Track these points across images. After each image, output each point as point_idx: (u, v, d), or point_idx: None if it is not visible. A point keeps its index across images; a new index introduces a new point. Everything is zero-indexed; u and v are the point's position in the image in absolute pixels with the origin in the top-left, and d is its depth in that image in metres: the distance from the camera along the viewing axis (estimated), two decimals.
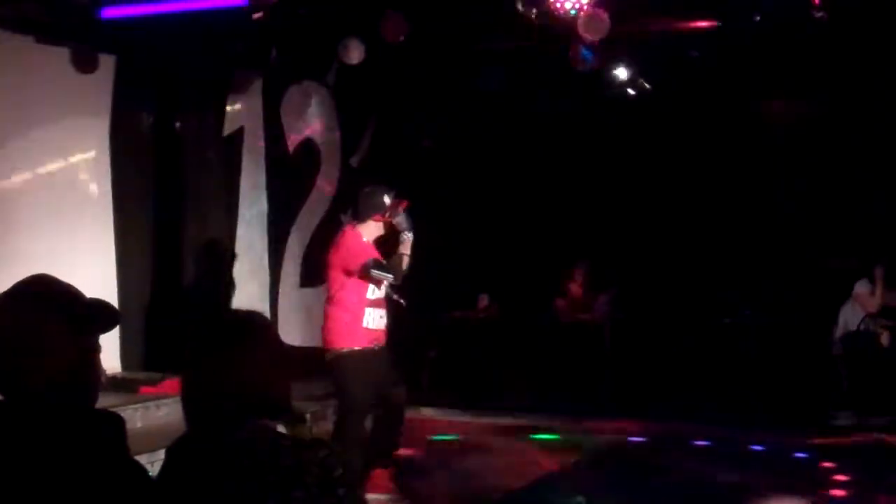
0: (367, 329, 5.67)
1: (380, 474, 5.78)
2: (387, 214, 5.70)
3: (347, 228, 5.83)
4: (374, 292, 5.70)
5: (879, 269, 8.81)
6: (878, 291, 8.80)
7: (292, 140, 9.35)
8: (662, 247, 10.44)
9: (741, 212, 10.39)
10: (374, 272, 5.60)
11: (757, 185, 10.44)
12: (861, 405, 8.48)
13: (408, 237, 5.74)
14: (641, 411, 8.72)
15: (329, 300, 5.75)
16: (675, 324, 10.05)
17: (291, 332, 8.61)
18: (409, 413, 9.08)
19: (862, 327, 8.80)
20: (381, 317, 5.76)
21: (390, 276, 5.66)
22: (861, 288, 8.90)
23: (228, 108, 8.58)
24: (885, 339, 8.72)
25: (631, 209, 10.59)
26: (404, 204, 5.74)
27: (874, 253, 9.10)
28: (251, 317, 2.22)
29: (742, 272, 10.15)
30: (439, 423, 8.69)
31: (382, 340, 5.78)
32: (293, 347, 7.50)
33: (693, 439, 7.82)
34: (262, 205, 8.96)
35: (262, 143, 8.97)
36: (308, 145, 9.57)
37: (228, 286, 8.47)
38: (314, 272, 9.56)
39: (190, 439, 2.10)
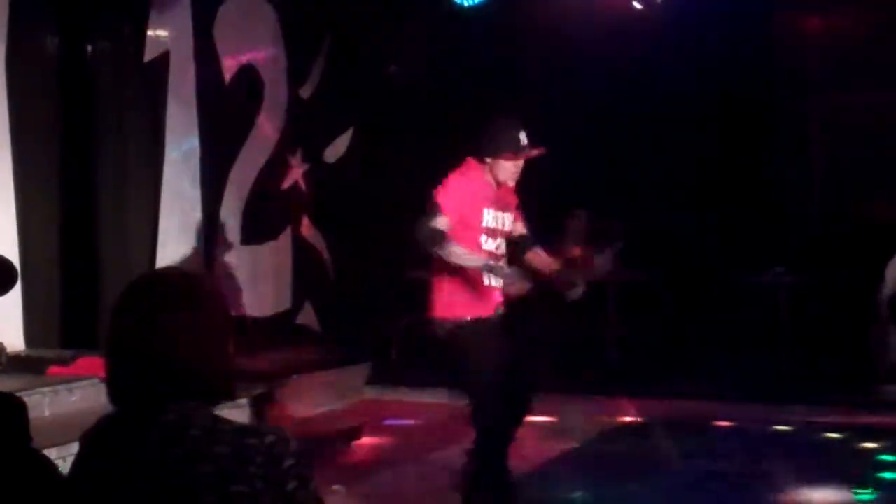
0: (489, 288, 5.56)
1: None
2: (521, 154, 5.56)
3: (470, 162, 5.63)
4: (489, 243, 5.56)
5: None
6: None
7: (228, 66, 9.28)
8: (674, 191, 10.46)
9: (769, 149, 10.41)
10: (429, 230, 5.35)
11: (790, 115, 10.45)
12: None
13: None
14: (651, 387, 8.80)
15: (436, 263, 5.55)
16: (691, 283, 10.10)
17: (232, 300, 8.61)
18: (375, 393, 9.25)
19: None
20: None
21: (501, 273, 5.48)
22: None
23: (150, 28, 8.49)
24: None
25: (637, 146, 10.56)
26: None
27: None
28: (191, 277, 2.22)
29: (771, 221, 10.20)
30: (409, 404, 8.77)
31: (501, 306, 5.67)
32: (233, 317, 7.50)
33: (709, 420, 7.94)
34: (194, 145, 8.90)
35: (191, 71, 8.89)
36: (248, 73, 9.50)
37: (154, 244, 8.44)
38: (259, 227, 9.56)
39: (110, 423, 2.10)
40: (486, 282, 5.54)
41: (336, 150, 10.46)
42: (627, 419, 8.19)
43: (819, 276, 9.56)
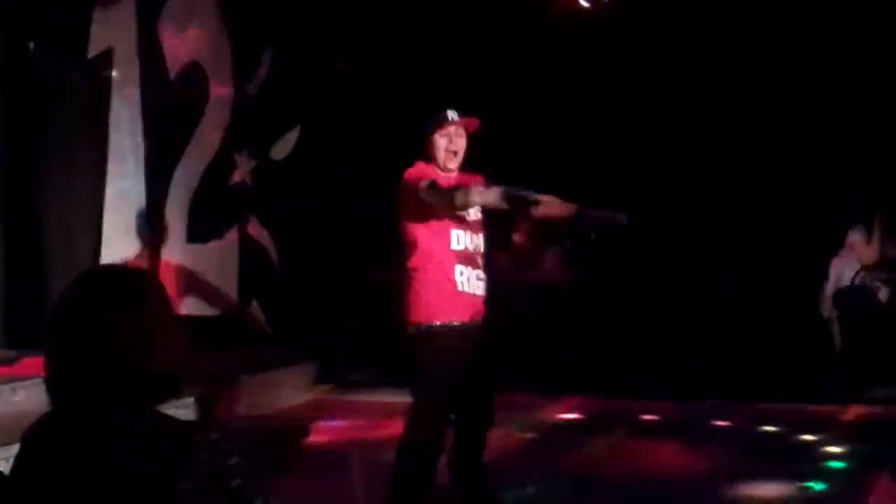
0: (462, 294, 5.16)
1: None
2: (446, 124, 5.26)
3: (418, 162, 5.36)
4: (461, 241, 5.21)
5: (878, 217, 8.99)
6: (876, 241, 8.99)
7: (173, 63, 9.21)
8: (621, 190, 10.49)
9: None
10: (426, 191, 5.07)
11: (735, 110, 10.53)
12: (855, 372, 8.72)
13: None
14: (603, 386, 8.87)
15: (406, 267, 5.27)
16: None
17: (177, 299, 8.54)
18: (323, 393, 9.22)
19: (857, 281, 9.01)
20: (478, 278, 5.23)
21: (449, 195, 5.05)
22: (856, 237, 9.09)
23: (94, 24, 8.40)
24: (883, 294, 8.95)
25: (586, 142, 10.59)
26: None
27: (871, 196, 9.28)
28: (133, 274, 2.20)
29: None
30: (356, 404, 8.77)
31: (481, 316, 5.26)
32: (179, 317, 7.44)
33: (647, 415, 8.05)
34: (138, 142, 8.82)
35: (135, 67, 8.82)
36: (193, 69, 9.43)
37: (98, 243, 8.36)
38: (204, 225, 9.50)
39: (52, 422, 2.09)
40: (461, 288, 5.18)
41: (283, 147, 10.41)
42: (586, 416, 8.26)
43: (762, 274, 9.66)
